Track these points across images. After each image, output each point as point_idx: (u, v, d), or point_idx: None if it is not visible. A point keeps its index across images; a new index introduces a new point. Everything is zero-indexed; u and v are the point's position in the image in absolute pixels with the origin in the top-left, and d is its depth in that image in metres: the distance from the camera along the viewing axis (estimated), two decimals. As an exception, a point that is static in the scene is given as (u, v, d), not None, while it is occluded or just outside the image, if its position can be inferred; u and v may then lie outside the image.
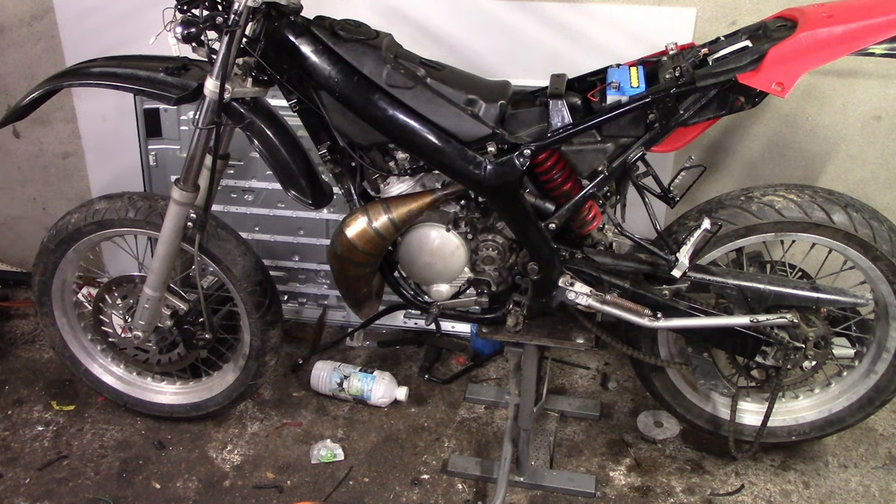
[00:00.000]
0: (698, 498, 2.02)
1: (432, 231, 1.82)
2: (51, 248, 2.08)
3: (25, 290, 2.85)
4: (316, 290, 2.66)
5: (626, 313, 1.78)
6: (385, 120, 1.67)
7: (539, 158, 1.69)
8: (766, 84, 1.52)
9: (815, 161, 2.30)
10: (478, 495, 2.03)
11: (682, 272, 1.73)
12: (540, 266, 1.79)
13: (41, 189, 2.74)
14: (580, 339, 1.87)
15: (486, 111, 1.69)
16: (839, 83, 2.18)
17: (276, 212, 2.52)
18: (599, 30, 2.16)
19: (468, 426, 2.27)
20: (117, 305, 2.10)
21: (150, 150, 2.49)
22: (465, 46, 2.23)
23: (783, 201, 1.79)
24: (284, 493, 2.04)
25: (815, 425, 2.05)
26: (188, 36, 1.55)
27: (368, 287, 1.93)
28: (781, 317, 1.77)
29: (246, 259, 2.01)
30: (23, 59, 2.50)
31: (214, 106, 1.69)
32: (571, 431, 2.24)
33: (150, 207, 1.99)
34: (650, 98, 1.60)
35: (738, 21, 2.13)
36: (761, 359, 1.85)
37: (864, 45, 1.50)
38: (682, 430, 2.22)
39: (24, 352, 2.58)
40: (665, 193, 1.76)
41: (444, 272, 1.86)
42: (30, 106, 1.90)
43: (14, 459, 2.14)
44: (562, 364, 2.53)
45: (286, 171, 1.87)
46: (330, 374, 2.34)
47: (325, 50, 1.67)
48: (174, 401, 2.25)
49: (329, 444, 2.17)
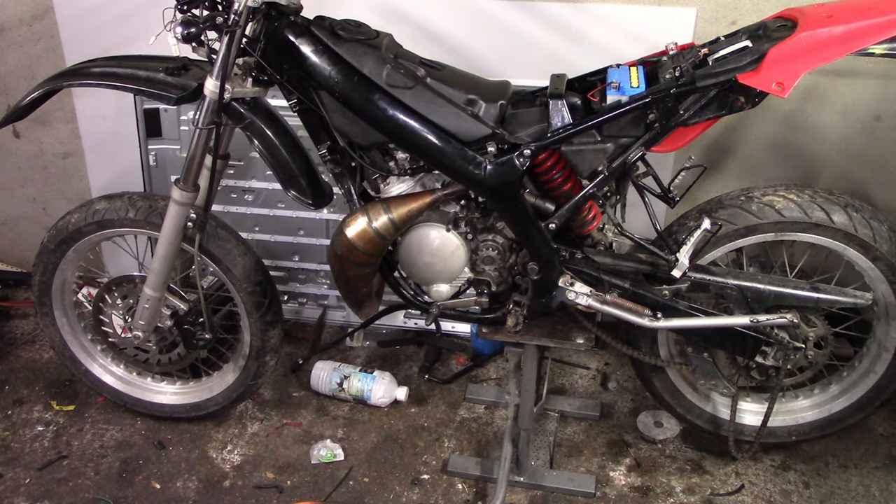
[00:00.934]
0: (698, 498, 2.02)
1: (432, 231, 1.82)
2: (51, 248, 2.08)
3: (25, 290, 2.85)
4: (316, 290, 2.66)
5: (626, 313, 1.78)
6: (385, 120, 1.67)
7: (539, 158, 1.69)
8: (766, 84, 1.52)
9: (815, 161, 2.29)
10: (478, 495, 2.03)
11: (682, 272, 1.73)
12: (540, 266, 1.78)
13: (41, 189, 2.74)
14: (580, 339, 1.87)
15: (486, 111, 1.69)
16: (839, 83, 2.18)
17: (276, 212, 2.51)
18: (599, 30, 2.16)
19: (468, 426, 2.27)
20: (117, 305, 2.10)
21: (150, 150, 2.49)
22: (465, 46, 2.23)
23: (783, 201, 1.79)
24: (284, 493, 2.04)
25: (815, 425, 2.05)
26: (188, 36, 1.55)
27: (368, 287, 1.93)
28: (781, 317, 1.77)
29: (246, 259, 2.01)
30: (23, 59, 2.50)
31: (214, 106, 1.69)
32: (571, 431, 2.24)
33: (150, 207, 1.99)
34: (650, 98, 1.60)
35: (738, 21, 2.12)
36: (761, 359, 1.85)
37: (864, 45, 1.50)
38: (682, 430, 2.22)
39: (24, 352, 2.58)
40: (665, 193, 1.76)
41: (444, 272, 1.86)
42: (30, 106, 1.90)
43: (14, 459, 2.14)
44: (562, 364, 2.53)
45: (286, 171, 1.87)
46: (330, 374, 2.34)
47: (325, 50, 1.67)
48: (174, 401, 2.25)
49: (329, 444, 2.17)
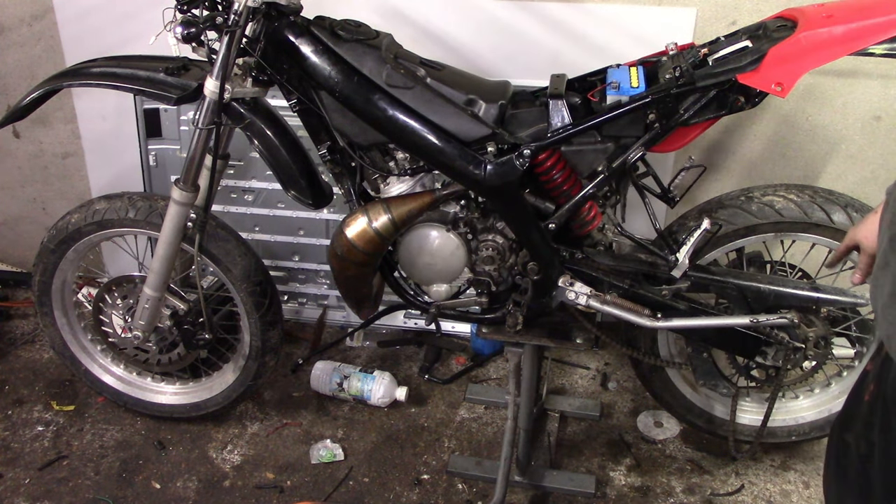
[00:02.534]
0: (698, 498, 2.02)
1: (432, 231, 1.82)
2: (51, 248, 2.08)
3: (25, 290, 2.85)
4: (316, 290, 2.66)
5: (626, 313, 1.78)
6: (385, 120, 1.67)
7: (539, 158, 1.69)
8: (766, 84, 1.51)
9: (815, 161, 2.29)
10: (478, 495, 2.03)
11: (682, 272, 1.73)
12: (540, 266, 1.78)
13: (41, 189, 2.74)
14: (580, 339, 1.87)
15: (486, 111, 1.69)
16: (839, 83, 2.18)
17: (276, 212, 2.51)
18: (599, 30, 2.16)
19: (468, 426, 2.27)
20: (117, 305, 2.10)
21: (150, 150, 2.49)
22: (465, 46, 2.23)
23: (783, 201, 1.79)
24: (284, 494, 2.04)
25: (815, 425, 2.05)
26: (188, 36, 1.55)
27: (368, 287, 1.93)
28: (781, 317, 1.77)
29: (246, 259, 2.01)
30: (23, 59, 2.50)
31: (214, 106, 1.69)
32: (571, 431, 2.24)
33: (150, 207, 1.99)
34: (650, 98, 1.60)
35: (738, 21, 2.13)
36: (761, 359, 1.85)
37: (864, 45, 1.50)
38: (682, 430, 2.22)
39: (24, 352, 2.58)
40: (665, 193, 1.76)
41: (444, 272, 1.85)
42: (30, 106, 1.90)
43: (14, 459, 2.14)
44: (562, 364, 2.53)
45: (286, 171, 1.87)
46: (330, 374, 2.34)
47: (325, 50, 1.67)
48: (174, 401, 2.25)
49: (329, 444, 2.17)
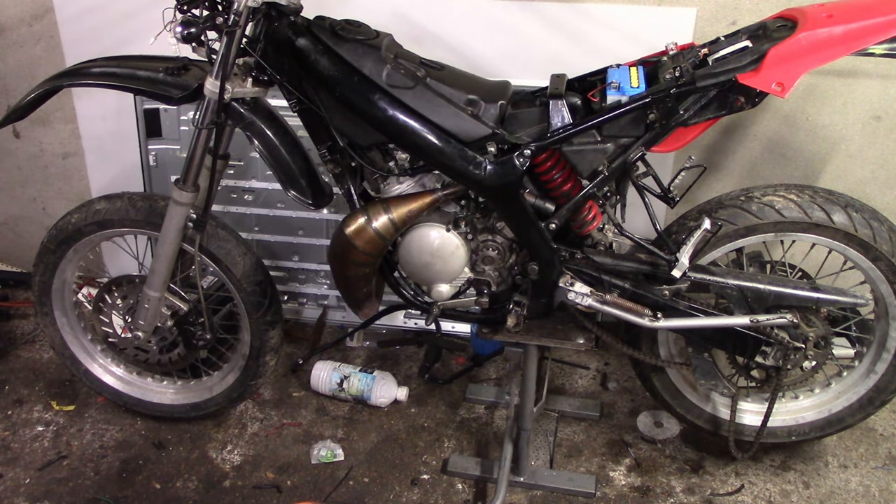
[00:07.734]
0: (698, 498, 2.02)
1: (432, 231, 1.82)
2: (51, 248, 2.08)
3: (25, 290, 2.85)
4: (316, 290, 2.66)
5: (626, 313, 1.78)
6: (385, 120, 1.67)
7: (539, 158, 1.69)
8: (766, 84, 1.52)
9: (815, 161, 2.29)
10: (478, 495, 2.03)
11: (682, 272, 1.72)
12: (540, 266, 1.78)
13: (41, 189, 2.74)
14: (580, 339, 1.87)
15: (486, 111, 1.69)
16: (839, 83, 2.18)
17: (276, 212, 2.51)
18: (599, 30, 2.16)
19: (468, 426, 2.27)
20: (117, 305, 2.10)
21: (150, 150, 2.49)
22: (465, 46, 2.23)
23: (783, 201, 1.79)
24: (284, 493, 2.04)
25: (815, 425, 2.05)
26: (188, 36, 1.55)
27: (368, 287, 1.93)
28: (781, 317, 1.77)
29: (246, 259, 2.01)
30: (23, 59, 2.50)
31: (214, 106, 1.69)
32: (571, 431, 2.24)
33: (150, 207, 1.99)
34: (650, 98, 1.60)
35: (738, 21, 2.13)
36: (761, 359, 1.85)
37: (864, 45, 1.50)
38: (682, 430, 2.22)
39: (24, 352, 2.58)
40: (665, 193, 1.76)
41: (444, 272, 1.85)
42: (30, 106, 1.90)
43: (14, 459, 2.14)
44: (562, 364, 2.53)
45: (286, 171, 1.87)
46: (330, 374, 2.34)
47: (325, 50, 1.67)
48: (174, 401, 2.25)
49: (329, 444, 2.17)
